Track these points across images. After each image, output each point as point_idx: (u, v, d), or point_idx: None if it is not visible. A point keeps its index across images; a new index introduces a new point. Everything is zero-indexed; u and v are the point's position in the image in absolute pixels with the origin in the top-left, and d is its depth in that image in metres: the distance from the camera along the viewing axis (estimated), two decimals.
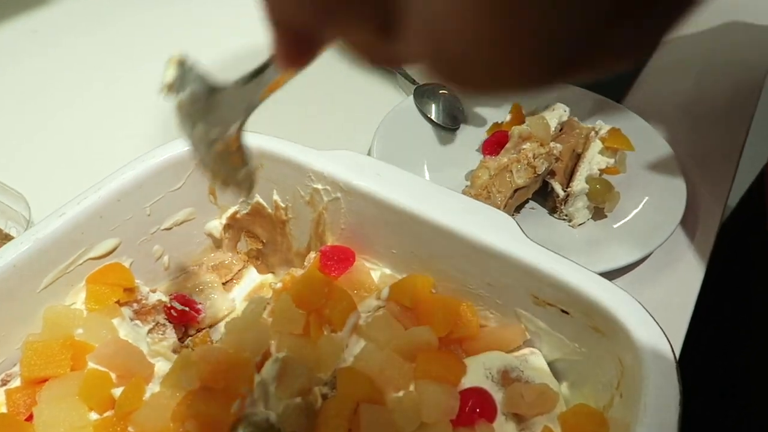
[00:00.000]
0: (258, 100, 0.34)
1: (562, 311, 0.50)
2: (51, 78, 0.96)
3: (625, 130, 0.82)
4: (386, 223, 0.57)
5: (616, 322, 0.46)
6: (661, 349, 0.44)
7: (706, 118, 0.97)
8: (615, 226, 0.76)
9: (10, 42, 1.03)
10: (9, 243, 0.51)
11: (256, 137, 0.62)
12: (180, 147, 0.60)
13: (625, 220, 0.77)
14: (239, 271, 0.67)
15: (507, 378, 0.51)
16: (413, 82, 1.00)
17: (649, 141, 0.86)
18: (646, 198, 0.79)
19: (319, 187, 0.59)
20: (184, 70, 0.34)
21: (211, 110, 0.36)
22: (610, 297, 0.47)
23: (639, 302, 0.47)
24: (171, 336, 0.58)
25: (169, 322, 0.57)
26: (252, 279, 0.69)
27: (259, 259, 0.71)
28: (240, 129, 0.38)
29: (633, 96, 1.00)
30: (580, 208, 0.76)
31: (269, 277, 0.67)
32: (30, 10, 1.10)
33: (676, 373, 0.42)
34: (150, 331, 0.57)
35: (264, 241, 0.69)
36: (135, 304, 0.58)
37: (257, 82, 0.33)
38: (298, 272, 0.59)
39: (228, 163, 0.40)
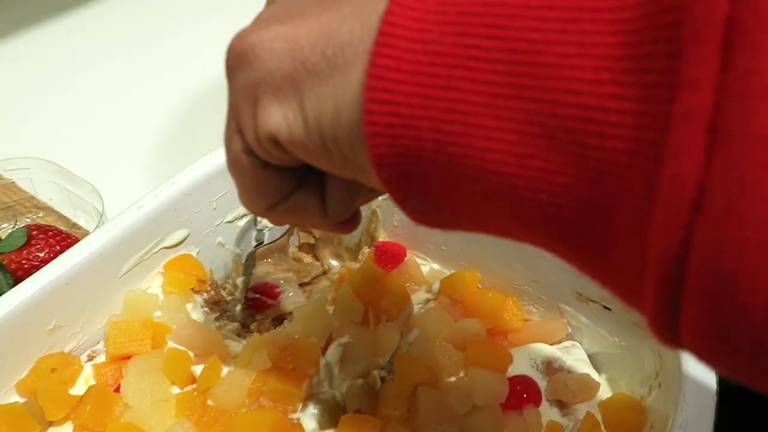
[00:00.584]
0: None
1: (605, 307, 0.54)
2: (121, 74, 1.00)
3: None
4: None
5: None
6: None
7: None
8: None
9: (80, 36, 1.08)
10: (96, 231, 0.56)
11: None
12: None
13: None
14: (317, 276, 0.70)
15: (550, 368, 0.55)
16: None
17: None
18: None
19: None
20: None
21: None
22: None
23: None
24: (235, 322, 0.62)
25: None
26: None
27: (310, 253, 0.75)
28: None
29: None
30: None
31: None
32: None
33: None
34: (217, 318, 0.62)
35: (317, 236, 0.74)
36: (205, 294, 0.63)
37: None
38: (353, 265, 0.63)
39: None
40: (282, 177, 0.32)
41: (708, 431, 0.43)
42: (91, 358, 0.56)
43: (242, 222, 0.68)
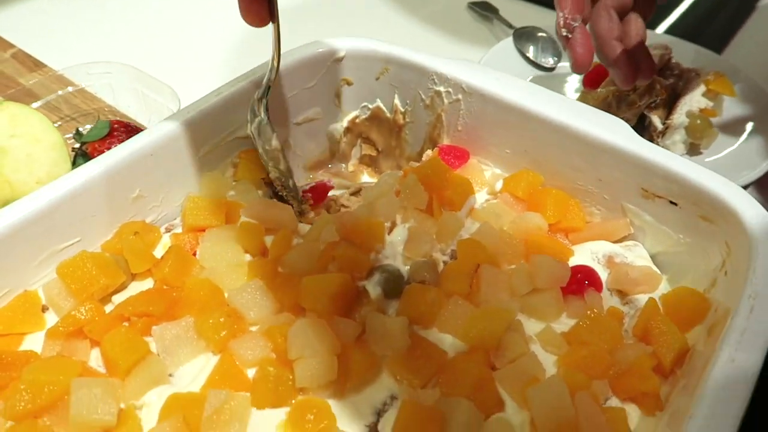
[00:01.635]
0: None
1: (671, 202, 0.54)
2: None
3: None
4: (503, 122, 0.62)
5: (726, 209, 0.50)
6: None
7: None
8: (707, 160, 0.79)
9: None
10: (179, 111, 0.59)
11: (384, 45, 0.68)
12: (318, 48, 0.67)
13: (718, 156, 0.79)
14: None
15: (612, 262, 0.56)
16: (509, 26, 1.04)
17: (747, 89, 0.87)
18: (741, 139, 0.81)
19: (441, 89, 0.65)
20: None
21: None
22: (720, 186, 0.51)
23: (746, 191, 0.50)
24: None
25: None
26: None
27: (371, 165, 0.77)
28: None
29: (733, 48, 1.01)
30: (677, 141, 0.79)
31: None
32: None
33: None
34: None
35: (379, 148, 0.76)
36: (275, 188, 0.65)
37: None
38: (415, 165, 0.65)
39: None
40: None
41: None
42: (168, 230, 0.59)
43: (310, 123, 0.71)
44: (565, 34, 0.65)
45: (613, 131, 0.56)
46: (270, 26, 0.53)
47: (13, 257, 0.50)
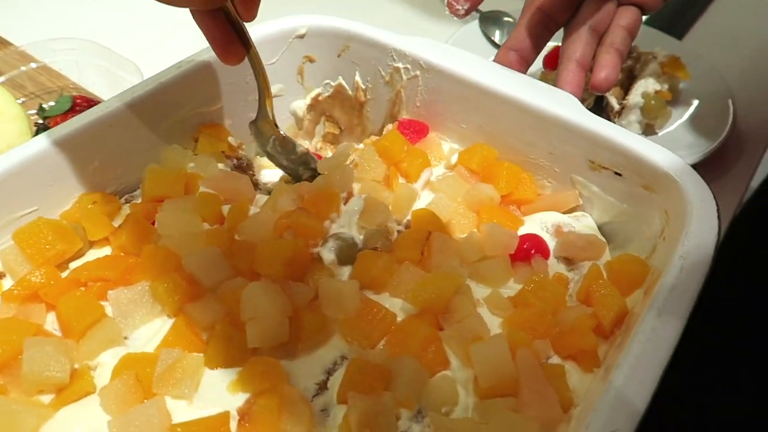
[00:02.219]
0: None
1: (616, 173, 0.56)
2: None
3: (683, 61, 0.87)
4: (460, 98, 0.63)
5: (667, 179, 0.52)
6: (705, 196, 0.49)
7: (765, 59, 1.00)
8: (660, 134, 0.81)
9: None
10: (139, 84, 0.60)
11: (345, 22, 0.69)
12: (280, 24, 0.68)
13: (670, 129, 0.82)
14: None
15: (560, 231, 0.58)
16: (476, 10, 1.06)
17: (703, 74, 0.90)
18: (692, 119, 0.84)
19: (400, 65, 0.66)
20: None
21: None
22: (661, 156, 0.53)
23: (686, 161, 0.52)
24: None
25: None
26: None
27: (335, 143, 0.79)
28: None
29: (693, 34, 1.04)
30: (632, 121, 0.81)
31: None
32: None
33: (716, 215, 0.48)
34: None
35: (342, 126, 0.77)
36: (236, 160, 0.66)
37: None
38: (375, 139, 0.66)
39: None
40: None
41: (706, 261, 0.45)
42: (128, 201, 0.60)
43: (276, 101, 0.71)
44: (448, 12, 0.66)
45: (564, 106, 0.58)
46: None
47: None
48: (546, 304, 0.50)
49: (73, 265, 0.53)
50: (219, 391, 0.45)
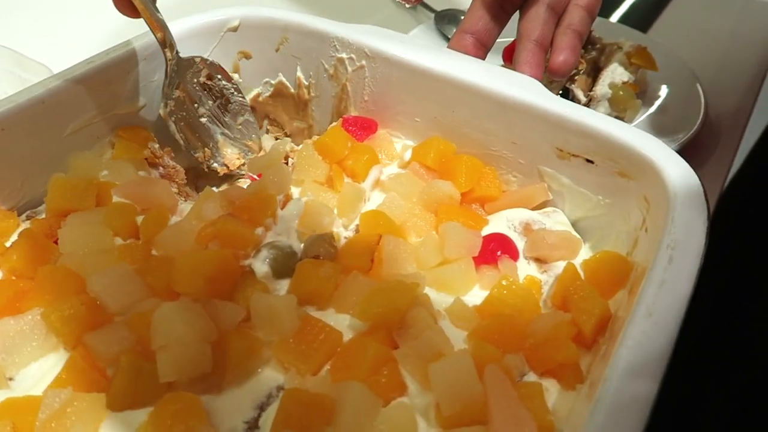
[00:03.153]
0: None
1: (587, 160, 0.50)
2: None
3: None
4: (411, 88, 0.57)
5: (644, 161, 0.46)
6: (688, 177, 0.43)
7: (730, 50, 0.97)
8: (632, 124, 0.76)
9: None
10: (38, 82, 0.52)
11: (281, 12, 0.62)
12: (209, 16, 0.61)
13: (640, 120, 0.77)
14: None
15: (529, 229, 0.51)
16: (431, 10, 1.01)
17: (671, 66, 0.86)
18: (663, 108, 0.79)
19: (344, 56, 0.60)
20: None
21: None
22: (638, 139, 0.47)
23: (664, 143, 0.46)
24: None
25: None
26: None
27: None
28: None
29: (658, 28, 1.00)
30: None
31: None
32: None
33: (703, 197, 0.42)
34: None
35: (287, 131, 0.70)
36: (162, 168, 0.58)
37: None
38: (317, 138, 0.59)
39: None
40: None
41: (698, 249, 0.38)
42: (30, 218, 0.51)
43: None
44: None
45: (525, 89, 0.52)
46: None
47: None
48: (517, 312, 0.43)
49: None
50: None
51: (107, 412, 0.38)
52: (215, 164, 0.60)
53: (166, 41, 0.54)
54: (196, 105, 0.58)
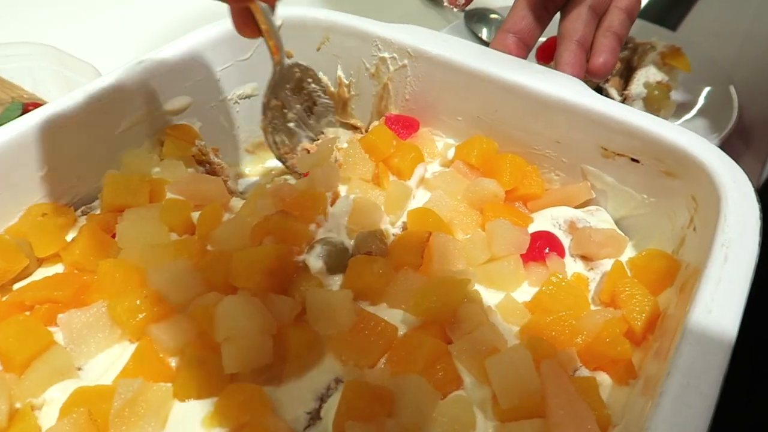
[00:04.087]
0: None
1: (632, 160, 0.51)
2: None
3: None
4: (453, 87, 0.57)
5: (691, 160, 0.46)
6: (738, 176, 0.44)
7: (762, 49, 0.97)
8: None
9: None
10: (94, 81, 0.53)
11: (324, 12, 0.63)
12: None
13: (674, 121, 0.77)
14: None
15: (574, 227, 0.52)
16: (461, 9, 1.01)
17: (704, 66, 0.86)
18: (695, 111, 0.79)
19: (386, 55, 0.61)
20: None
21: None
22: (685, 139, 0.47)
23: (710, 142, 0.47)
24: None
25: None
26: None
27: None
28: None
29: (687, 25, 1.00)
30: None
31: None
32: None
33: (755, 193, 0.42)
34: None
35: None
36: (207, 165, 0.59)
37: None
38: (360, 136, 0.60)
39: None
40: None
41: (752, 247, 0.39)
42: (85, 213, 0.52)
43: (247, 101, 0.65)
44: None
45: (570, 89, 0.53)
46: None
47: None
48: (567, 308, 0.44)
49: (18, 286, 0.45)
50: (191, 427, 0.38)
51: (174, 401, 0.39)
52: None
53: (281, 57, 0.55)
54: (285, 110, 0.59)
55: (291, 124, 0.59)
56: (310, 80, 0.60)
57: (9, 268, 0.44)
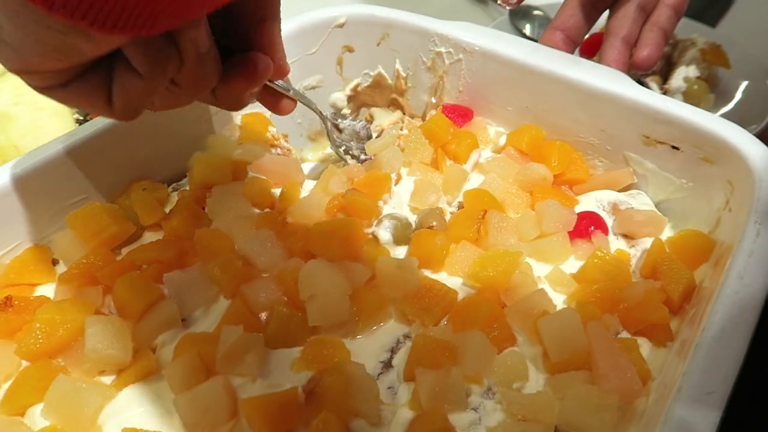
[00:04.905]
0: None
1: (673, 147, 0.55)
2: None
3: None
4: (505, 79, 0.62)
5: (729, 147, 0.50)
6: None
7: None
8: None
9: None
10: None
11: (385, 10, 0.69)
12: (320, 14, 0.67)
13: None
14: None
15: (617, 209, 0.56)
16: (504, 7, 1.06)
17: (742, 62, 0.88)
18: (735, 104, 0.82)
19: (442, 50, 0.66)
20: None
21: None
22: (722, 127, 0.52)
23: (746, 131, 0.51)
24: None
25: None
26: None
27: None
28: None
29: (726, 22, 1.03)
30: None
31: None
32: None
33: None
34: None
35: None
36: (279, 150, 0.66)
37: None
38: (420, 123, 0.65)
39: None
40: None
41: None
42: (176, 189, 0.59)
43: (312, 91, 0.71)
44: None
45: (615, 81, 0.57)
46: None
47: (22, 210, 0.50)
48: (611, 279, 0.49)
49: (126, 250, 0.52)
50: (282, 370, 0.44)
51: (266, 349, 0.45)
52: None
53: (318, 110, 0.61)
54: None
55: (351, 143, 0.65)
56: (346, 120, 0.66)
57: (121, 231, 0.51)
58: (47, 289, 0.49)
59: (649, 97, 0.55)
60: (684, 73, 0.81)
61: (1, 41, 0.27)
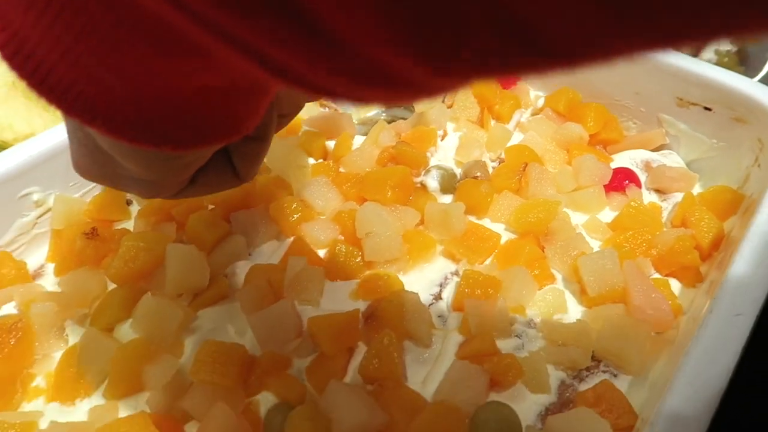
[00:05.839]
0: None
1: (705, 108, 0.58)
2: None
3: None
4: None
5: (759, 106, 0.54)
6: None
7: None
8: None
9: None
10: None
11: None
12: None
13: None
14: None
15: (649, 166, 0.60)
16: None
17: None
18: (763, 74, 0.85)
19: None
20: None
21: None
22: (753, 88, 0.55)
23: None
24: None
25: None
26: None
27: None
28: None
29: None
30: None
31: None
32: None
33: None
34: None
35: None
36: (327, 108, 0.70)
37: None
38: None
39: None
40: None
41: None
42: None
43: None
44: None
45: None
46: None
47: None
48: (644, 227, 0.52)
49: None
50: (342, 298, 0.48)
51: (326, 281, 0.49)
52: None
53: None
54: None
55: None
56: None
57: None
58: (124, 226, 0.54)
59: (684, 60, 0.58)
60: (715, 45, 0.84)
61: (130, 179, 0.28)
